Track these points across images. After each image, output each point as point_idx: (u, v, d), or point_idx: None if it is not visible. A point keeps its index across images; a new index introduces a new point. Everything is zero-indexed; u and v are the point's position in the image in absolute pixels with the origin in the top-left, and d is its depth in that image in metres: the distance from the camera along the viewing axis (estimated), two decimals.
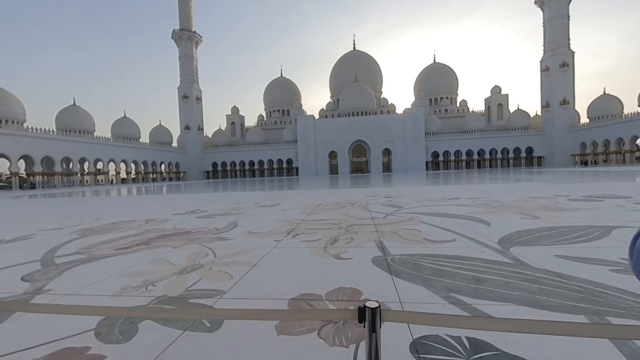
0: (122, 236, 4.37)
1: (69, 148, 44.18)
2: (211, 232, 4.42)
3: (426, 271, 2.38)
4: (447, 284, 2.12)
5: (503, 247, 3.00)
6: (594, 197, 6.82)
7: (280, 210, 6.61)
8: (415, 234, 3.77)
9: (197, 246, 3.54)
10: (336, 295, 2.00)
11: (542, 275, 2.21)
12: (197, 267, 2.71)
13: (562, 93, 60.76)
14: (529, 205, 5.89)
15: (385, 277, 2.29)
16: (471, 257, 2.68)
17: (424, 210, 5.83)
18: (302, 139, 67.92)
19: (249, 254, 3.11)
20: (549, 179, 16.26)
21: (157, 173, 64.06)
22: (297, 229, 4.35)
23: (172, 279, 2.43)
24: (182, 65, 72.13)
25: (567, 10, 59.89)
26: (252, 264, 2.73)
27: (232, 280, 2.35)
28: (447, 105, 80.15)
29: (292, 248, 3.30)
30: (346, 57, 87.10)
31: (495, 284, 2.07)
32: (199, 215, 6.38)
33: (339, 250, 3.12)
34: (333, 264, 2.66)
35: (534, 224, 4.11)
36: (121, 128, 60.59)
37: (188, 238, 4.03)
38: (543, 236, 3.41)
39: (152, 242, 3.85)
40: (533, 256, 2.66)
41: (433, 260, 2.66)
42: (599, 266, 2.35)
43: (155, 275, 2.53)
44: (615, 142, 51.59)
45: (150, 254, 3.26)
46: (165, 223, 5.43)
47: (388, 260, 2.69)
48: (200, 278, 2.43)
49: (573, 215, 4.69)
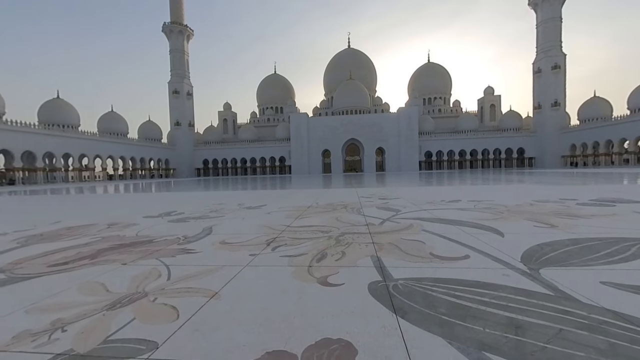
0: (69, 246, 3.65)
1: (51, 143, 42.49)
2: (177, 241, 3.73)
3: (442, 308, 1.77)
4: (476, 332, 1.50)
5: (531, 268, 2.41)
6: (604, 202, 6.35)
7: (265, 214, 5.94)
8: (419, 246, 3.17)
9: (153, 262, 2.86)
10: (318, 354, 1.37)
11: (601, 318, 1.61)
12: (137, 298, 2.04)
13: (554, 95, 61.43)
14: (538, 210, 5.36)
15: (388, 319, 1.67)
16: (496, 285, 2.08)
17: (424, 215, 5.24)
18: (296, 137, 67.16)
19: (212, 275, 2.45)
20: (546, 181, 15.95)
21: (145, 170, 62.50)
22: (280, 239, 3.70)
23: (95, 319, 1.76)
24: (173, 59, 70.46)
25: (559, 13, 60.47)
26: (212, 294, 2.07)
27: (175, 323, 1.69)
28: (440, 105, 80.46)
29: (269, 267, 2.65)
30: (341, 55, 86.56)
31: (544, 334, 1.47)
32: (172, 218, 5.67)
33: (326, 270, 2.49)
34: (318, 295, 2.03)
35: (554, 234, 3.55)
36: (108, 123, 58.81)
37: (146, 250, 3.34)
38: (571, 252, 2.84)
39: (100, 256, 3.15)
40: (573, 283, 2.08)
41: (448, 289, 2.04)
42: None
43: (75, 312, 1.85)
44: (604, 144, 52.36)
45: (87, 274, 2.57)
46: (129, 228, 4.71)
47: (390, 289, 2.07)
48: (134, 317, 1.77)
49: (592, 223, 4.16)
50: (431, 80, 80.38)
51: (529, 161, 64.02)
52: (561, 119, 60.93)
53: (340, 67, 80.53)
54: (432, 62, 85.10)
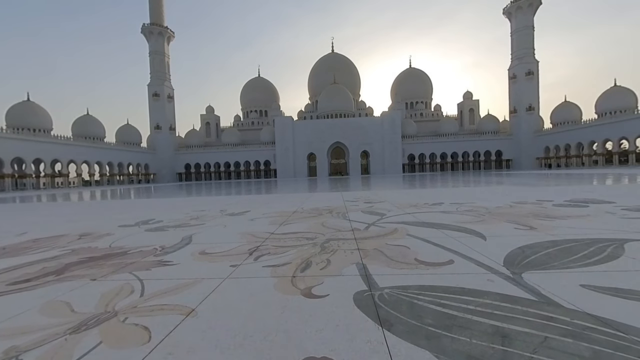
0: (34, 260, 3.38)
1: (20, 148, 40.23)
2: (154, 252, 3.54)
3: (429, 319, 1.72)
4: (463, 344, 1.47)
5: (513, 272, 2.43)
6: (578, 202, 6.61)
7: (248, 220, 5.79)
8: (404, 252, 3.14)
9: (126, 276, 2.68)
10: None
11: (584, 323, 1.62)
12: (105, 318, 1.88)
13: (528, 99, 64.31)
14: (517, 212, 5.51)
15: (374, 332, 1.61)
16: (481, 292, 2.07)
17: (408, 219, 5.26)
18: (280, 141, 66.86)
19: (189, 290, 2.32)
20: (523, 182, 16.56)
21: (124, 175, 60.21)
22: (263, 247, 3.58)
23: (56, 345, 1.60)
24: (153, 61, 68.65)
25: (532, 22, 63.58)
26: (188, 311, 1.95)
27: (146, 346, 1.56)
28: (422, 110, 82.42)
29: (251, 278, 2.54)
30: (325, 59, 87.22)
31: (529, 344, 1.45)
32: (150, 227, 5.41)
33: (311, 280, 2.41)
34: (301, 308, 1.94)
35: (533, 236, 3.62)
36: (83, 127, 56.36)
37: (119, 263, 3.14)
38: (551, 255, 2.89)
39: (68, 271, 2.93)
40: (555, 287, 2.10)
41: (434, 297, 2.01)
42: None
43: (33, 338, 1.68)
44: (575, 146, 55.19)
45: (51, 292, 2.37)
46: (102, 239, 4.44)
47: (375, 299, 2.02)
48: (101, 341, 1.62)
49: (568, 224, 4.30)
50: (413, 85, 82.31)
51: (506, 163, 66.54)
52: (535, 123, 63.84)
53: (324, 71, 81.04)
54: (413, 67, 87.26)
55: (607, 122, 49.29)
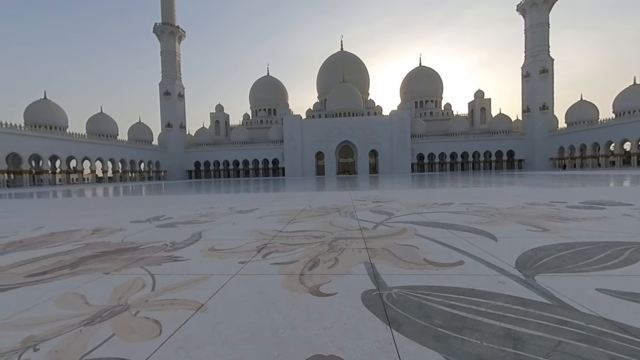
0: (50, 254, 3.49)
1: (38, 144, 41.45)
2: (165, 248, 3.61)
3: (438, 319, 1.71)
4: (473, 346, 1.44)
5: (526, 275, 2.38)
6: (593, 204, 6.43)
7: (257, 218, 5.83)
8: (413, 252, 3.12)
9: (137, 271, 2.74)
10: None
11: (599, 328, 1.58)
12: (118, 311, 1.93)
13: (542, 98, 62.73)
14: (529, 214, 5.39)
15: (382, 332, 1.60)
16: (492, 294, 2.03)
17: (417, 218, 5.21)
18: (289, 139, 67.01)
19: (199, 285, 2.35)
20: (536, 183, 16.19)
21: (136, 172, 61.45)
22: (271, 245, 3.61)
23: (71, 336, 1.64)
24: (164, 60, 69.66)
25: (547, 19, 61.91)
26: (198, 306, 1.98)
27: (157, 339, 1.59)
28: (432, 109, 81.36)
29: (259, 275, 2.56)
30: (333, 57, 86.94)
31: (542, 347, 1.42)
32: (161, 223, 5.51)
33: (318, 279, 2.41)
34: (309, 306, 1.95)
35: (546, 238, 3.54)
36: (97, 124, 57.73)
37: (131, 257, 3.21)
38: (565, 257, 2.82)
39: (82, 264, 3.01)
40: (569, 290, 2.05)
41: (443, 298, 1.99)
42: None
43: (50, 328, 1.74)
44: (591, 146, 53.60)
45: (66, 285, 2.43)
46: (114, 234, 4.55)
47: (384, 298, 2.01)
48: (114, 333, 1.66)
49: (582, 226, 4.18)
50: (423, 84, 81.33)
51: (519, 163, 65.16)
52: (549, 122, 62.26)
53: (333, 69, 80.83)
54: (423, 65, 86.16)
55: (626, 122, 47.69)
